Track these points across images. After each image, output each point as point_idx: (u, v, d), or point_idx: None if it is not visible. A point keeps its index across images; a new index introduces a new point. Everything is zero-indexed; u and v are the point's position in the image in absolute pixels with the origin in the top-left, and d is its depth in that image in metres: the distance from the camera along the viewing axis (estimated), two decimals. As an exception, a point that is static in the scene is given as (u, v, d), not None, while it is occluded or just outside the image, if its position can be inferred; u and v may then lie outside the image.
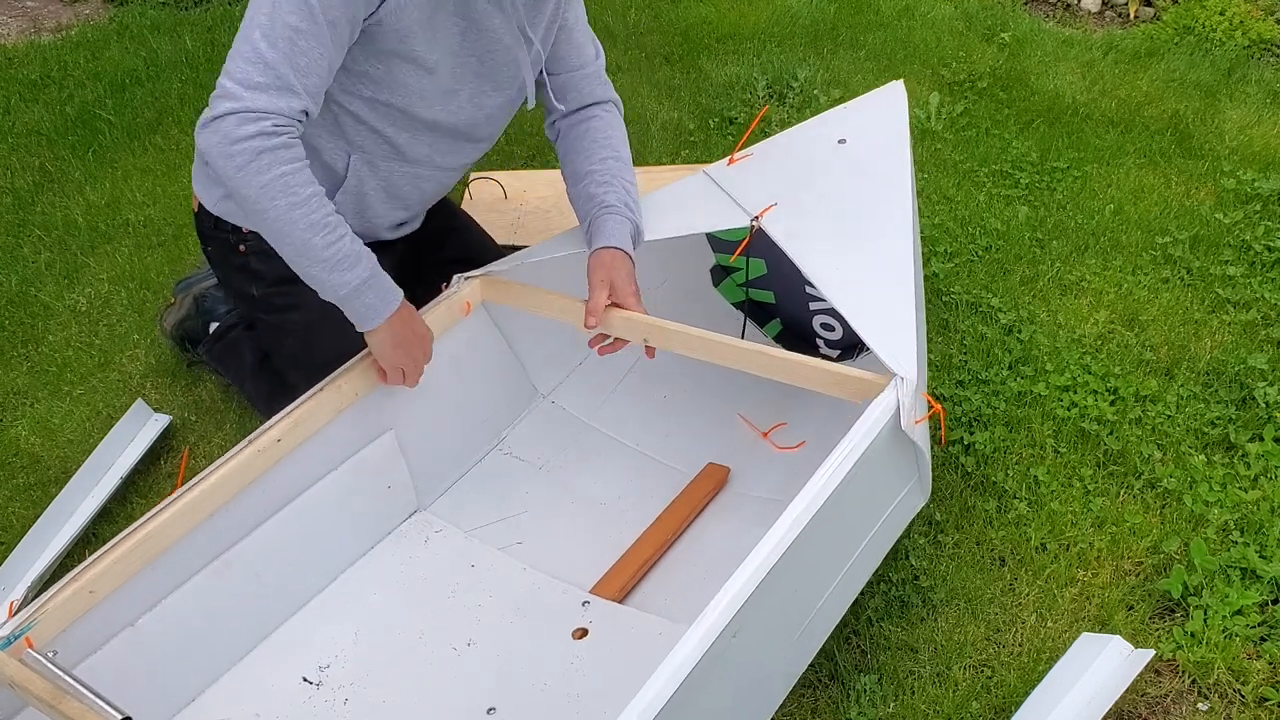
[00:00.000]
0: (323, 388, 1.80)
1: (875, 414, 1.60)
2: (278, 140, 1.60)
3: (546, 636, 1.82)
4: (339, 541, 1.92)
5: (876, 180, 2.03)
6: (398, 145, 1.88)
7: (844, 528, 1.65)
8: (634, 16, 3.94)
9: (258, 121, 1.58)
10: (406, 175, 1.95)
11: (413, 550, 1.98)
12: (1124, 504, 2.10)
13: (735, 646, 1.38)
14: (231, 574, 1.72)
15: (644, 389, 2.30)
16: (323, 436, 1.81)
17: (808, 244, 1.88)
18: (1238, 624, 1.86)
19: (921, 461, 1.78)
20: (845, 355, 2.29)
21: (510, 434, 2.22)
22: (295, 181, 1.62)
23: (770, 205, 1.96)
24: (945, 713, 1.77)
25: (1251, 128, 3.20)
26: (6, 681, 1.42)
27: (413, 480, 2.01)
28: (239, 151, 1.58)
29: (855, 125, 2.16)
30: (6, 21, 4.14)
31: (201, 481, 1.64)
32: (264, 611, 1.81)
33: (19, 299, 2.76)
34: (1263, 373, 2.34)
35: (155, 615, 1.63)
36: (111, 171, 3.22)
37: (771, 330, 2.39)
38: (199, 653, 1.72)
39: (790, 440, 2.16)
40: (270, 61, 1.58)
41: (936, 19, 3.83)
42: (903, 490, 1.79)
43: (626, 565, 1.93)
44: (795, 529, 1.46)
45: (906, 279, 1.82)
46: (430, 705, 1.73)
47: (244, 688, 1.74)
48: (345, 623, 1.85)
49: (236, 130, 1.57)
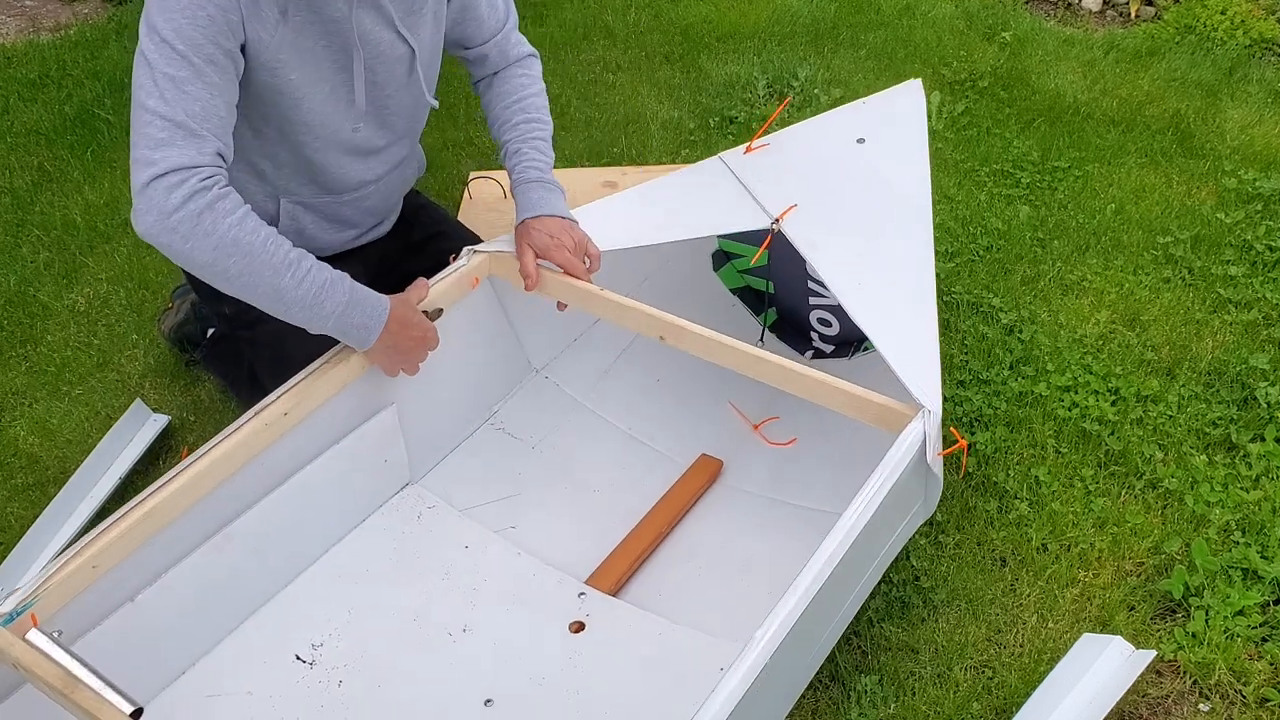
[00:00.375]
0: (328, 361, 1.77)
1: (903, 448, 1.60)
2: (211, 194, 1.54)
3: (543, 628, 1.82)
4: (334, 515, 1.92)
5: (896, 190, 2.03)
6: (318, 178, 1.88)
7: (866, 552, 1.66)
8: (634, 16, 3.94)
9: (183, 183, 1.52)
10: (340, 202, 1.96)
11: (405, 525, 1.98)
12: (1125, 504, 2.10)
13: (770, 670, 1.40)
14: (231, 548, 1.71)
15: (637, 370, 2.30)
16: (327, 410, 1.79)
17: (829, 253, 1.88)
18: (1239, 624, 1.85)
19: (933, 485, 1.78)
20: (840, 351, 2.29)
21: (502, 408, 2.21)
22: (244, 230, 1.56)
23: (791, 206, 1.95)
24: (946, 713, 1.76)
25: (1253, 127, 3.19)
26: (10, 662, 1.41)
27: (408, 454, 2.01)
28: (179, 222, 1.52)
29: (873, 125, 2.16)
30: (5, 21, 4.13)
31: (206, 455, 1.62)
32: (259, 586, 1.81)
33: (17, 299, 2.76)
34: (1264, 373, 2.34)
35: (155, 590, 1.62)
36: (110, 171, 3.21)
37: (767, 319, 2.39)
38: (195, 627, 1.72)
39: (782, 435, 2.17)
40: (166, 115, 1.53)
41: (937, 18, 3.82)
42: (913, 510, 1.81)
43: (621, 558, 1.93)
44: (833, 562, 1.47)
45: (929, 305, 1.82)
46: (427, 693, 1.73)
47: (236, 663, 1.74)
48: (338, 599, 1.84)
49: (166, 200, 1.51)
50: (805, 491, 2.04)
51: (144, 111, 1.55)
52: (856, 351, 2.27)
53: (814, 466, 2.09)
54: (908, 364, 1.71)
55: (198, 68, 1.56)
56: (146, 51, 1.56)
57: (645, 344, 1.94)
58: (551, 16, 3.95)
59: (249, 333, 2.03)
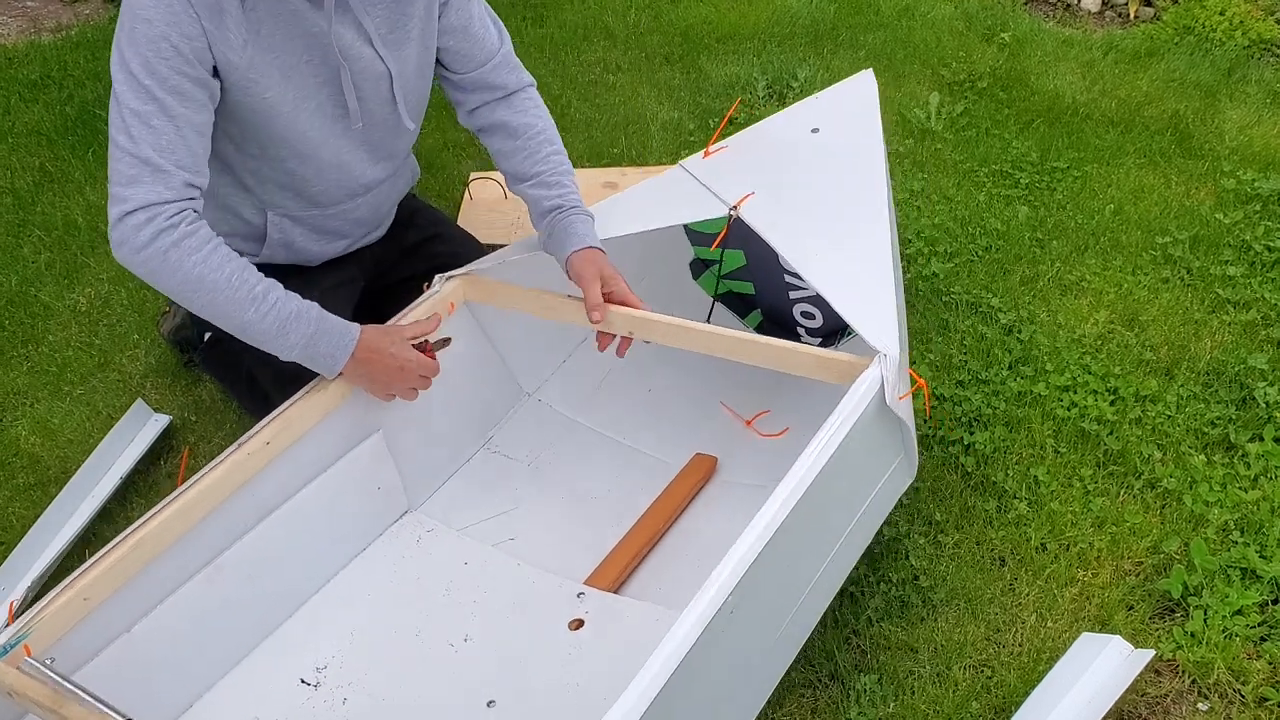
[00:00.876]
0: (310, 390, 1.79)
1: (860, 390, 1.62)
2: (178, 232, 1.60)
3: (543, 629, 1.82)
4: (331, 543, 1.92)
5: (851, 167, 2.04)
6: (304, 192, 1.88)
7: (833, 505, 1.66)
8: (634, 16, 3.94)
9: (151, 221, 1.59)
10: (327, 215, 1.95)
11: (405, 550, 1.98)
12: (1124, 504, 2.10)
13: (731, 626, 1.39)
14: (224, 579, 1.72)
15: (628, 384, 2.31)
16: (311, 438, 1.81)
17: (787, 231, 1.90)
18: (1238, 624, 1.86)
19: (907, 438, 1.79)
20: (827, 342, 2.31)
21: (498, 433, 2.22)
22: (208, 268, 1.62)
23: (748, 194, 1.97)
24: (945, 713, 1.77)
25: (1251, 128, 3.20)
26: (6, 690, 1.42)
27: (402, 481, 2.02)
28: (148, 257, 1.60)
29: (827, 114, 2.18)
30: (6, 21, 4.14)
31: (192, 487, 1.64)
32: (258, 615, 1.81)
33: (19, 299, 2.76)
34: (1263, 373, 2.34)
35: (150, 621, 1.63)
36: (111, 171, 3.21)
37: (752, 321, 2.41)
38: (195, 658, 1.72)
39: (774, 427, 2.18)
40: (134, 153, 1.59)
41: (936, 19, 3.83)
42: (889, 468, 1.80)
43: (619, 556, 1.94)
44: (786, 507, 1.47)
45: (885, 261, 1.84)
46: (430, 701, 1.73)
47: (241, 692, 1.74)
48: (340, 624, 1.85)
49: (136, 237, 1.59)
50: None
51: (115, 147, 1.61)
52: (843, 338, 2.28)
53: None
54: (861, 312, 1.74)
55: (162, 102, 1.60)
56: (116, 85, 1.61)
57: (634, 356, 1.95)
58: (551, 17, 3.95)
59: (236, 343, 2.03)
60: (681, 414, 2.25)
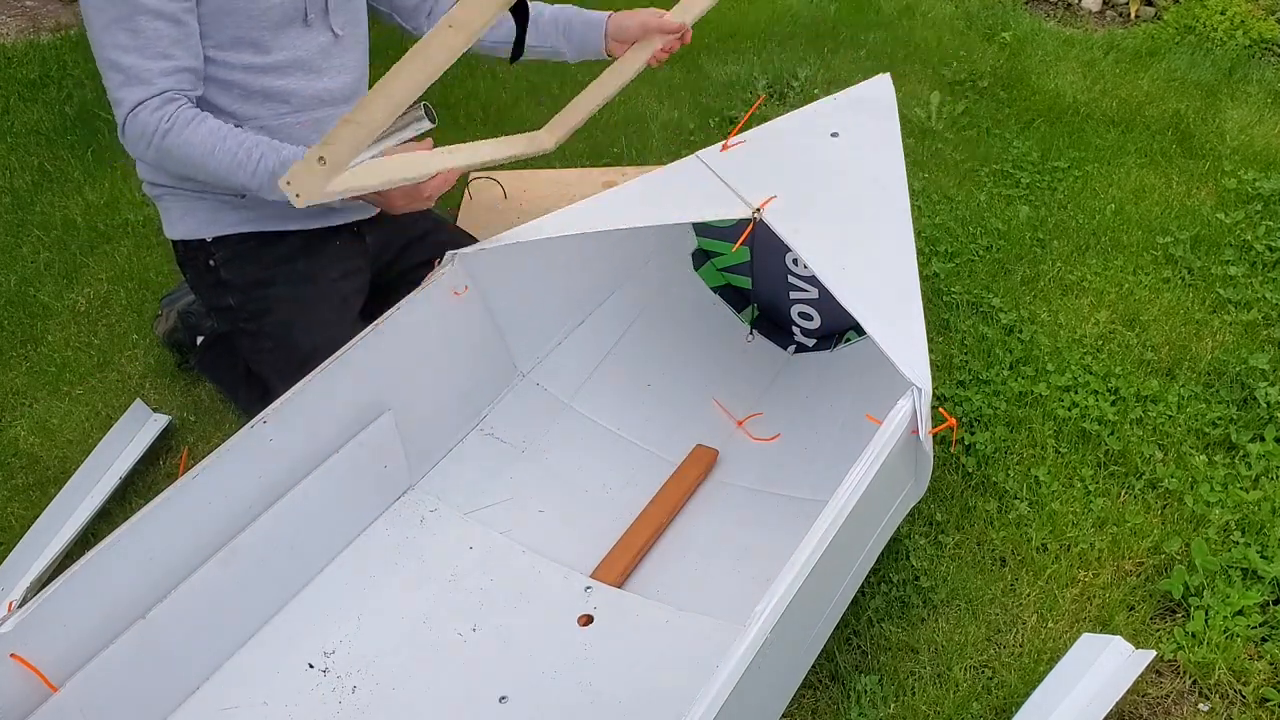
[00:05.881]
0: (317, 373, 1.79)
1: (894, 424, 1.63)
2: (171, 108, 1.76)
3: (552, 623, 1.83)
4: (338, 524, 1.93)
5: (873, 181, 2.03)
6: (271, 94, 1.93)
7: (860, 527, 1.67)
8: (634, 16, 3.93)
9: (137, 117, 1.76)
10: (300, 123, 1.97)
11: (408, 530, 1.98)
12: (1125, 504, 2.10)
13: (774, 644, 1.41)
14: (237, 562, 1.72)
15: (622, 372, 2.31)
16: (322, 420, 1.81)
17: (812, 241, 1.89)
18: (1239, 624, 1.85)
19: (923, 463, 1.79)
20: (822, 345, 2.31)
21: (490, 413, 2.22)
22: (194, 150, 1.77)
23: (771, 197, 1.97)
24: (946, 713, 1.76)
25: (1252, 127, 3.19)
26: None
27: (406, 459, 2.02)
28: (144, 151, 1.80)
29: (846, 119, 2.17)
30: (6, 21, 4.13)
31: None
32: (268, 598, 1.82)
33: (18, 299, 2.76)
34: (1264, 373, 2.34)
35: (165, 607, 1.63)
36: (110, 171, 3.21)
37: (747, 316, 2.41)
38: (207, 641, 1.73)
39: (766, 432, 2.18)
40: (123, 66, 1.74)
41: (937, 18, 3.83)
42: (904, 490, 1.82)
43: (625, 550, 1.95)
44: (829, 536, 1.49)
45: (913, 286, 1.84)
46: (441, 693, 1.74)
47: (250, 675, 1.75)
48: (347, 607, 1.86)
49: (132, 128, 1.77)
50: (797, 483, 2.05)
51: (104, 60, 1.76)
52: (839, 344, 2.28)
53: (803, 459, 2.10)
54: (896, 343, 1.74)
55: (136, 4, 1.72)
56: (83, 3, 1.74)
57: (630, 344, 1.95)
58: (551, 17, 3.94)
59: (254, 325, 2.03)
60: (674, 408, 2.26)
